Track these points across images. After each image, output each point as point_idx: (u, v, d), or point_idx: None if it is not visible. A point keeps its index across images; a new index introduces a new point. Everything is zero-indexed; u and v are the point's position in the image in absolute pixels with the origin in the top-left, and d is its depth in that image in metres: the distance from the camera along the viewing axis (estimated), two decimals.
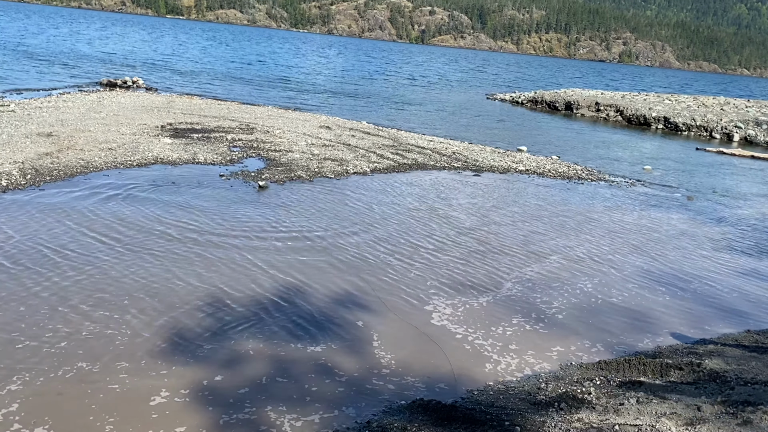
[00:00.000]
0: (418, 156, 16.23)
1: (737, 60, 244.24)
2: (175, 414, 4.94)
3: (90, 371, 5.38)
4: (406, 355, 6.22)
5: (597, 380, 5.81)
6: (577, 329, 7.21)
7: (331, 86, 37.08)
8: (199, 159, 13.30)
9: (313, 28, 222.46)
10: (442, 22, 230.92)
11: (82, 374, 5.33)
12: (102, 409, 4.91)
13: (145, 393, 5.16)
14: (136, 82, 26.57)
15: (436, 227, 10.56)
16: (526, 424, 4.82)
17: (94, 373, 5.35)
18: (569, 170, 16.75)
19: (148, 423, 4.80)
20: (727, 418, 4.70)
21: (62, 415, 4.80)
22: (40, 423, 4.69)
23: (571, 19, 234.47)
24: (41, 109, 17.11)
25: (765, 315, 8.28)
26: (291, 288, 7.48)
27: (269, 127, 17.98)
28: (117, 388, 5.19)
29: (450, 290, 7.95)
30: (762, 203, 15.59)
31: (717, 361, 6.20)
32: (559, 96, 36.61)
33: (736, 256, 10.83)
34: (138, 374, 5.41)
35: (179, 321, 6.40)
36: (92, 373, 5.36)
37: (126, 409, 4.93)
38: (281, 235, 9.26)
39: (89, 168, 11.68)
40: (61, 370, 5.35)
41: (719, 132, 29.32)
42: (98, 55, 40.95)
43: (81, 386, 5.16)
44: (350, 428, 4.92)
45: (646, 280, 9.12)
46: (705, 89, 78.15)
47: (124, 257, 7.84)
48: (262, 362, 5.81)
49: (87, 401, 4.99)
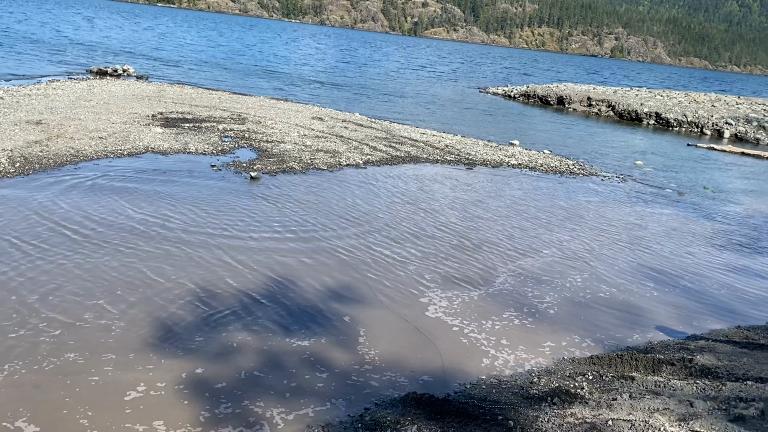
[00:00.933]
0: (411, 149, 16.19)
1: (728, 57, 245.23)
2: (161, 407, 4.88)
3: (73, 362, 5.32)
4: (399, 348, 6.20)
5: (590, 375, 5.82)
6: (569, 324, 7.22)
7: (324, 77, 36.90)
8: (190, 149, 13.19)
9: (305, 18, 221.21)
10: (434, 15, 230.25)
11: (64, 366, 5.26)
12: (84, 401, 4.86)
13: (129, 386, 5.10)
14: (127, 71, 26.32)
15: (429, 221, 10.54)
16: (519, 418, 4.81)
17: (78, 365, 5.29)
18: (561, 165, 16.76)
19: (132, 416, 4.75)
20: (719, 414, 4.71)
21: (38, 408, 4.74)
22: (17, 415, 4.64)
23: (563, 14, 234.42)
24: (30, 97, 16.90)
25: (755, 311, 8.33)
26: (282, 281, 7.43)
27: (261, 118, 17.86)
28: (100, 380, 5.14)
29: (443, 284, 7.93)
30: (752, 200, 15.67)
31: (708, 357, 6.23)
32: (551, 90, 36.62)
33: (726, 252, 10.88)
34: (124, 367, 5.35)
35: (168, 313, 6.34)
36: (75, 364, 5.30)
37: (106, 402, 4.88)
38: (273, 227, 9.20)
39: (79, 157, 11.55)
40: (45, 361, 5.29)
41: (710, 128, 29.45)
42: (88, 42, 40.51)
43: (60, 378, 5.10)
44: (343, 422, 4.90)
45: (637, 275, 9.15)
46: (697, 86, 78.49)
47: (111, 249, 7.75)
48: (253, 355, 5.77)
49: (65, 393, 4.93)
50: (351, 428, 4.77)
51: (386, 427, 4.66)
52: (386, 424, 4.71)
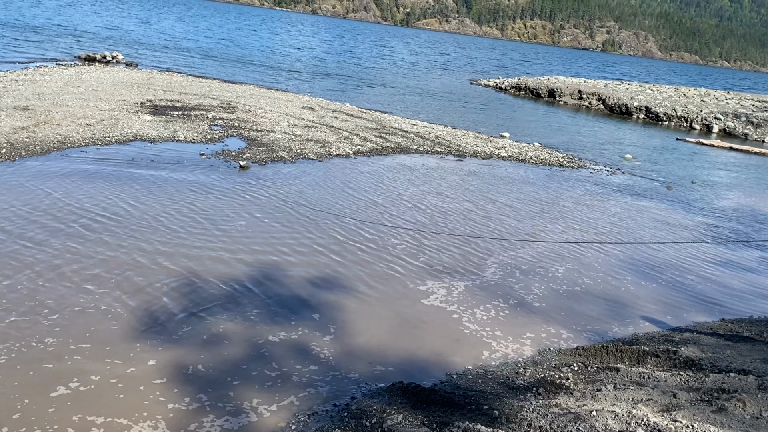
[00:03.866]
0: (401, 139, 16.16)
1: (718, 52, 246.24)
2: (147, 396, 4.88)
3: (45, 350, 5.29)
4: (385, 338, 6.21)
5: (575, 366, 5.86)
6: (555, 315, 7.26)
7: (315, 67, 36.72)
8: (179, 137, 13.10)
9: (296, 7, 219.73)
10: (427, 5, 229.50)
11: (39, 353, 5.24)
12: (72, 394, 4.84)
13: (114, 376, 5.08)
14: (116, 57, 26.08)
15: (418, 211, 10.54)
16: (504, 408, 4.83)
17: (50, 353, 5.27)
18: (551, 157, 16.80)
19: (121, 407, 4.74)
20: (702, 405, 4.76)
21: None
22: None
23: (555, 7, 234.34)
24: (17, 82, 16.71)
25: (739, 304, 8.40)
26: (267, 270, 7.42)
27: (251, 107, 17.76)
28: (95, 374, 5.12)
29: (430, 274, 7.94)
30: (738, 194, 15.79)
31: (692, 349, 6.28)
32: (542, 83, 36.64)
33: (712, 245, 10.97)
34: (103, 356, 5.33)
35: (150, 303, 6.31)
36: (46, 353, 5.27)
37: (101, 393, 4.87)
38: (262, 215, 9.17)
39: (66, 143, 11.45)
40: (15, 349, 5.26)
41: (699, 123, 29.60)
42: (76, 28, 40.04)
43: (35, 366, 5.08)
44: (329, 411, 4.91)
45: (623, 267, 9.20)
46: (687, 81, 78.80)
47: (101, 234, 7.71)
48: (238, 344, 5.76)
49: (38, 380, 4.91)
50: (337, 417, 4.78)
51: (372, 416, 4.68)
52: (372, 413, 4.72)
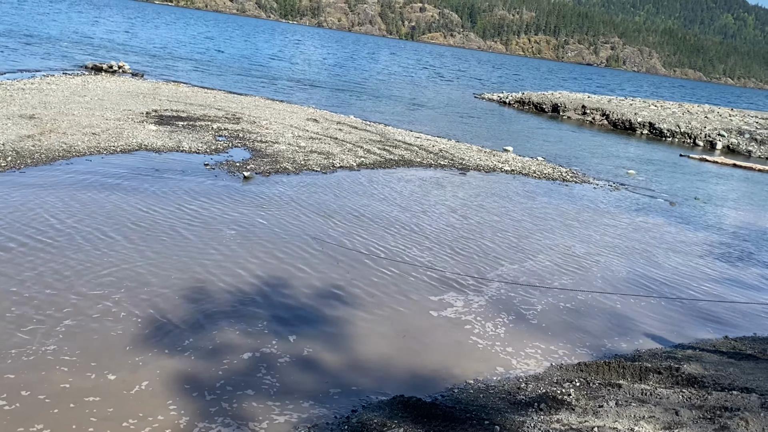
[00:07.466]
0: (405, 152, 16.20)
1: (722, 69, 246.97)
2: (149, 404, 4.87)
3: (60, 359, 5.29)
4: (387, 351, 6.20)
5: (577, 382, 5.84)
6: (558, 330, 7.24)
7: (319, 79, 36.90)
8: (183, 147, 13.15)
9: (302, 19, 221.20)
10: (432, 20, 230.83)
11: (43, 362, 5.24)
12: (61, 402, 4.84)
13: (120, 382, 5.08)
14: (122, 67, 26.23)
15: (421, 224, 10.55)
16: (505, 423, 4.82)
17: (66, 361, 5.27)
18: (554, 172, 16.82)
19: (130, 411, 4.73)
20: (705, 423, 4.74)
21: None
22: None
23: (560, 22, 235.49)
24: (24, 91, 16.82)
25: (743, 321, 8.38)
26: (273, 281, 7.42)
27: (256, 118, 17.84)
28: (92, 375, 5.12)
29: (432, 288, 7.94)
30: (741, 211, 15.77)
31: (695, 366, 6.26)
32: (546, 98, 36.76)
33: (715, 262, 10.94)
34: (110, 363, 5.33)
35: (155, 311, 6.31)
36: (61, 361, 5.27)
37: (104, 397, 4.86)
38: (266, 226, 9.18)
39: (72, 152, 11.50)
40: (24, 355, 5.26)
41: (703, 139, 29.63)
42: (83, 38, 40.34)
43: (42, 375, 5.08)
44: (329, 423, 4.89)
45: (626, 283, 9.19)
46: (691, 98, 78.93)
47: (108, 243, 7.72)
48: (242, 355, 5.75)
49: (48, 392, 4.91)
50: (337, 429, 4.77)
51: (373, 429, 4.66)
52: (373, 427, 4.71)
